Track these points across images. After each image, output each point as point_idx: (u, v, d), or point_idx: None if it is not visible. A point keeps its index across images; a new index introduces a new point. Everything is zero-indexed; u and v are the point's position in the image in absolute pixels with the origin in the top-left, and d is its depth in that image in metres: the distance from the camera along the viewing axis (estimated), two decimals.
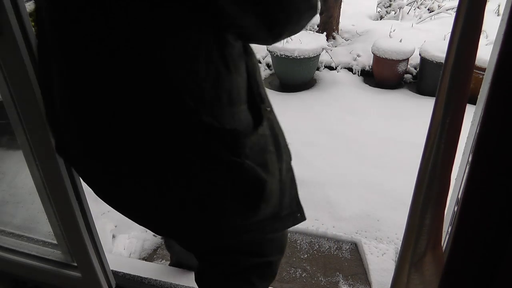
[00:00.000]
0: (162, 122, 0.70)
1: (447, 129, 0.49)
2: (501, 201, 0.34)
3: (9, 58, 0.95)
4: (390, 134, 2.62)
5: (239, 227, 0.82)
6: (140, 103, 0.69)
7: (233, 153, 0.73)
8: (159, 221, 0.85)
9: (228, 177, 0.75)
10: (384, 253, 1.74)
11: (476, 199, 0.35)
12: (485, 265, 0.37)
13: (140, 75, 0.67)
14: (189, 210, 0.79)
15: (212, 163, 0.73)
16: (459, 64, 0.45)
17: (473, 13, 0.43)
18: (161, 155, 0.73)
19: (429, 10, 4.83)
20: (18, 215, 1.86)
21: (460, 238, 0.38)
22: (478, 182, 0.35)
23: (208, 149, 0.71)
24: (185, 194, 0.76)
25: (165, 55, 0.65)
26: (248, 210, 0.80)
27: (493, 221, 0.35)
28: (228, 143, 0.72)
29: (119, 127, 0.73)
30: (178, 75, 0.66)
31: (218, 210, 0.79)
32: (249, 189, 0.77)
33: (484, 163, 0.34)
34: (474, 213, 0.36)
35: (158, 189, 0.77)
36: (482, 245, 0.36)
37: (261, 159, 0.78)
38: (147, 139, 0.72)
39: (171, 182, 0.75)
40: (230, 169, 0.74)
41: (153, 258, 1.76)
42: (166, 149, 0.72)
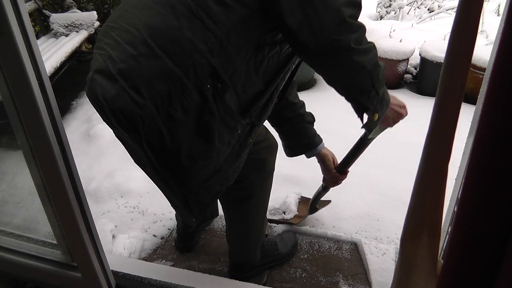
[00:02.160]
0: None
1: (441, 128, 0.49)
2: (500, 201, 0.34)
3: (9, 58, 0.95)
4: (390, 134, 2.61)
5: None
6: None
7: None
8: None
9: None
10: (384, 253, 1.74)
11: (474, 199, 0.35)
12: (484, 265, 0.37)
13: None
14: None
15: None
16: (454, 63, 0.45)
17: (470, 10, 0.43)
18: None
19: (429, 10, 4.83)
20: (18, 215, 1.86)
21: (458, 238, 0.38)
22: (476, 182, 0.35)
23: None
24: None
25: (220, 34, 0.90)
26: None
27: (492, 221, 0.35)
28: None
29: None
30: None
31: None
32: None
33: (482, 163, 0.34)
34: (472, 213, 0.36)
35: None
36: (481, 245, 0.36)
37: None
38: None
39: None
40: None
41: (153, 258, 1.76)
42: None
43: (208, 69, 0.91)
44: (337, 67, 0.95)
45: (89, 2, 3.76)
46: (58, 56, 2.73)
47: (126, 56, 0.91)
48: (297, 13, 0.86)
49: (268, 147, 1.34)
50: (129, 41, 0.91)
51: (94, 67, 0.96)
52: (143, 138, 0.94)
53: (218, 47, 0.91)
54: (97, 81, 0.93)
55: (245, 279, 1.58)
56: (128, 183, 2.16)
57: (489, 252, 0.37)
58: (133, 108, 0.90)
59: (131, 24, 0.93)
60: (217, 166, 1.03)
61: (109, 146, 2.48)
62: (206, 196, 1.07)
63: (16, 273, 1.51)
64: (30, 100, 1.01)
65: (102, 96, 0.92)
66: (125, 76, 0.90)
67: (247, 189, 1.33)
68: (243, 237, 1.51)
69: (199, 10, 0.89)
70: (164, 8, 0.91)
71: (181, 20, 0.89)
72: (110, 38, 0.96)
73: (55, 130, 1.08)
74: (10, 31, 0.90)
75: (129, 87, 0.90)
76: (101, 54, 0.96)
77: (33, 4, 3.20)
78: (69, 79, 3.11)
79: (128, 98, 0.90)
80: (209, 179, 1.04)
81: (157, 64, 0.89)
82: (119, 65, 0.91)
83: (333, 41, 0.88)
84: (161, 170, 1.01)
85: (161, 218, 1.96)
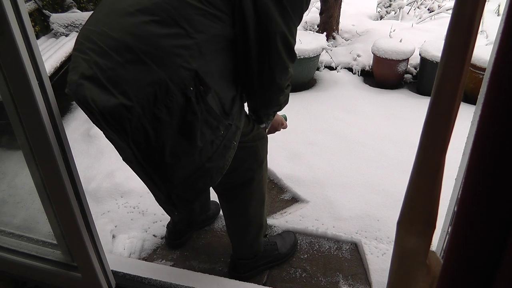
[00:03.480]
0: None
1: (437, 119, 0.49)
2: (499, 201, 0.34)
3: (9, 58, 0.95)
4: (390, 134, 2.62)
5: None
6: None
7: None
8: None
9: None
10: (384, 253, 1.74)
11: (474, 199, 0.35)
12: (484, 265, 0.37)
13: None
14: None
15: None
16: (450, 62, 0.45)
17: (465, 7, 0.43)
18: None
19: (429, 10, 4.83)
20: (18, 215, 1.86)
21: (457, 238, 0.38)
22: (476, 182, 0.35)
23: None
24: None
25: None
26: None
27: (491, 221, 0.35)
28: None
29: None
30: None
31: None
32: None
33: (482, 163, 0.34)
34: (472, 213, 0.36)
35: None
36: (481, 245, 0.36)
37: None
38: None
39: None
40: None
41: (153, 258, 1.77)
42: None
43: (190, 72, 0.97)
44: (270, 100, 1.24)
45: (89, 2, 3.76)
46: (58, 56, 2.73)
47: (113, 63, 0.95)
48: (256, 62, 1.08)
49: (258, 137, 1.40)
50: (114, 47, 0.95)
51: (80, 71, 0.98)
52: (130, 137, 0.99)
53: (197, 53, 0.98)
54: (86, 87, 0.96)
55: (245, 279, 1.58)
56: (128, 183, 2.16)
57: (489, 252, 0.37)
58: (122, 111, 0.94)
59: (115, 31, 0.97)
60: (199, 164, 1.09)
61: (109, 146, 2.47)
62: (190, 193, 1.13)
63: (16, 273, 1.51)
64: (30, 100, 1.01)
65: (92, 100, 0.95)
66: (114, 83, 0.94)
67: (245, 175, 1.38)
68: (244, 227, 1.53)
69: (182, 20, 0.96)
70: (147, 16, 0.96)
71: (164, 29, 0.96)
72: (92, 43, 0.99)
73: (55, 130, 1.08)
74: (10, 31, 0.90)
75: (118, 93, 0.94)
76: (85, 60, 0.98)
77: (33, 4, 3.20)
78: None
79: (117, 102, 0.94)
80: (191, 175, 1.09)
81: (144, 69, 0.94)
82: (108, 73, 0.95)
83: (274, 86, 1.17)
84: (146, 166, 1.06)
85: (161, 218, 1.96)
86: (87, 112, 1.01)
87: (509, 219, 0.35)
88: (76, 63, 1.00)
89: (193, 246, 1.83)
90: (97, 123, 1.03)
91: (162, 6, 0.96)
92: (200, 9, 0.98)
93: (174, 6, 0.96)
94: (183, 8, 0.97)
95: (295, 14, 1.06)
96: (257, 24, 1.02)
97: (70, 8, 3.53)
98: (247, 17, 1.00)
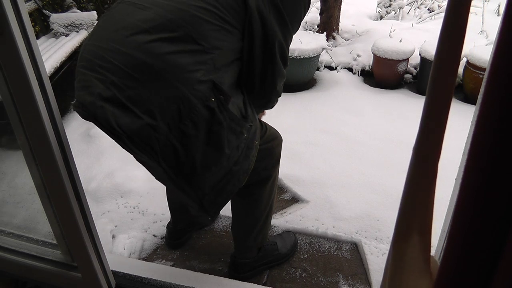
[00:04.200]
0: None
1: (431, 126, 0.49)
2: (498, 201, 0.34)
3: (9, 58, 0.95)
4: (390, 134, 2.62)
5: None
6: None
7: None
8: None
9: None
10: (384, 253, 1.74)
11: (472, 199, 0.35)
12: (482, 265, 0.37)
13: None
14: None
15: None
16: (442, 60, 0.45)
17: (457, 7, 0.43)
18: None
19: (429, 10, 4.83)
20: (18, 215, 1.86)
21: (455, 239, 0.38)
22: (474, 182, 0.35)
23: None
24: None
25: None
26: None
27: (489, 221, 0.35)
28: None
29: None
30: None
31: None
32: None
33: (480, 163, 0.34)
34: (470, 213, 0.36)
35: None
36: (478, 246, 0.36)
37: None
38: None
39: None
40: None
41: (153, 258, 1.77)
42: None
43: (208, 84, 0.99)
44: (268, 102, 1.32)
45: (89, 2, 3.76)
46: (58, 56, 2.73)
47: (132, 82, 0.94)
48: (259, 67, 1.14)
49: (274, 137, 1.44)
50: (131, 66, 0.94)
51: (96, 92, 0.95)
52: (159, 155, 0.99)
53: (213, 67, 1.00)
54: (107, 109, 0.94)
55: (245, 279, 1.58)
56: (128, 183, 2.16)
57: (487, 252, 0.37)
58: (148, 131, 0.95)
59: (129, 48, 0.95)
60: (227, 170, 1.12)
61: (109, 146, 2.48)
62: (221, 197, 1.16)
63: (16, 273, 1.51)
64: (30, 100, 1.01)
65: (117, 124, 0.94)
66: (135, 103, 0.94)
67: (261, 173, 1.40)
68: (252, 224, 1.53)
69: (199, 37, 0.97)
70: (163, 33, 0.96)
71: (182, 45, 0.97)
72: (104, 61, 0.97)
73: (55, 130, 1.08)
74: (10, 31, 0.90)
75: (141, 112, 0.94)
76: (100, 79, 0.96)
77: (33, 4, 3.20)
78: (69, 79, 3.10)
79: (142, 122, 0.94)
80: (220, 181, 1.12)
81: (164, 86, 0.95)
82: (127, 92, 0.94)
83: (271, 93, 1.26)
84: (178, 181, 1.07)
85: (161, 218, 1.96)
86: (113, 137, 0.99)
87: (508, 219, 0.35)
88: (88, 82, 0.98)
89: (193, 246, 1.83)
90: (125, 147, 1.01)
91: (177, 22, 0.96)
92: (215, 25, 1.00)
93: (189, 22, 0.97)
94: (199, 25, 0.98)
95: (293, 26, 1.16)
96: (263, 36, 1.08)
97: (70, 8, 3.52)
98: (254, 30, 1.06)
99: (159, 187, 1.74)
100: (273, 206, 1.57)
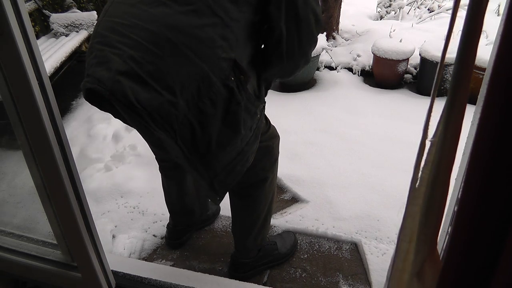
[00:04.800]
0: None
1: (448, 129, 0.49)
2: (499, 201, 0.34)
3: (9, 58, 0.95)
4: (390, 134, 2.62)
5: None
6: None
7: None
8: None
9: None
10: (384, 253, 1.74)
11: (474, 199, 0.35)
12: (483, 265, 0.37)
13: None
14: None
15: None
16: (462, 63, 0.45)
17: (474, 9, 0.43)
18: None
19: (429, 10, 4.82)
20: (18, 215, 1.86)
21: (457, 238, 0.38)
22: (476, 182, 0.35)
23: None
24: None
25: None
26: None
27: (491, 221, 0.35)
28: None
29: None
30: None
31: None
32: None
33: (482, 163, 0.34)
34: (472, 213, 0.36)
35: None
36: (480, 246, 0.36)
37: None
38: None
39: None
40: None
41: (153, 258, 1.77)
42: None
43: (229, 62, 0.97)
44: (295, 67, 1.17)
45: (89, 2, 3.76)
46: (58, 56, 2.73)
47: (152, 56, 0.91)
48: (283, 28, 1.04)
49: (274, 136, 1.43)
50: (151, 40, 0.91)
51: (114, 67, 0.92)
52: (177, 133, 0.98)
53: (235, 42, 0.97)
54: (125, 84, 0.91)
55: (245, 279, 1.58)
56: (128, 183, 2.16)
57: (488, 252, 0.37)
58: (169, 108, 0.93)
59: (148, 22, 0.92)
60: (239, 149, 1.11)
61: (109, 146, 2.48)
62: (230, 177, 1.15)
63: (16, 273, 1.51)
64: (30, 100, 1.01)
65: (136, 100, 0.91)
66: (155, 78, 0.91)
67: (260, 174, 1.40)
68: (252, 225, 1.53)
69: (218, 9, 0.94)
70: (183, 6, 0.93)
71: (202, 18, 0.93)
72: (121, 35, 0.94)
73: (55, 130, 1.08)
74: (10, 31, 0.90)
75: (161, 88, 0.91)
76: (117, 54, 0.93)
77: (33, 4, 3.20)
78: (69, 79, 3.11)
79: (162, 99, 0.92)
80: (232, 161, 1.11)
81: (185, 62, 0.92)
82: (147, 67, 0.91)
83: (304, 53, 1.13)
84: (192, 159, 1.06)
85: (161, 218, 1.96)
86: (131, 113, 0.94)
87: (509, 219, 0.35)
88: (105, 57, 0.94)
89: (193, 246, 1.83)
90: (146, 124, 0.97)
91: None
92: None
93: None
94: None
95: None
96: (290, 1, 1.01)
97: (70, 8, 3.52)
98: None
99: (159, 187, 1.74)
100: (272, 207, 1.56)
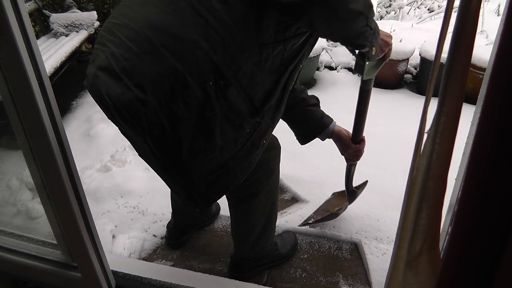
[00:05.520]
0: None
1: (443, 128, 0.49)
2: (498, 201, 0.34)
3: (9, 58, 0.95)
4: (390, 134, 2.62)
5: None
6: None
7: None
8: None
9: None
10: (384, 253, 1.74)
11: (474, 199, 0.35)
12: (484, 265, 0.37)
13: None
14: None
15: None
16: (454, 62, 0.45)
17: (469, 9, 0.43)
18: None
19: (429, 10, 4.82)
20: (18, 215, 1.86)
21: (457, 238, 0.38)
22: (476, 182, 0.35)
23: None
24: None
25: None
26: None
27: (490, 222, 0.35)
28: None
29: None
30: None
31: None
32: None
33: (482, 163, 0.34)
34: (472, 213, 0.36)
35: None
36: (480, 246, 0.36)
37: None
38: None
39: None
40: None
41: (153, 258, 1.77)
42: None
43: (210, 65, 0.91)
44: (337, 19, 0.93)
45: (89, 2, 3.76)
46: (58, 56, 2.73)
47: (130, 54, 0.92)
48: None
49: (272, 147, 1.37)
50: (132, 39, 0.93)
51: (97, 63, 0.97)
52: (146, 132, 0.97)
53: (220, 44, 0.91)
54: (101, 79, 0.95)
55: (245, 279, 1.58)
56: (128, 183, 2.16)
57: (489, 252, 0.37)
58: (137, 105, 0.92)
59: (134, 22, 0.95)
60: (222, 162, 1.03)
61: (109, 146, 2.48)
62: (212, 191, 1.09)
63: (16, 273, 1.51)
64: (30, 100, 1.01)
65: (106, 94, 0.94)
66: (129, 74, 0.92)
67: (253, 186, 1.36)
68: (248, 232, 1.52)
69: (202, 9, 0.90)
70: (167, 6, 0.92)
71: (184, 18, 0.91)
72: (113, 35, 0.97)
73: (55, 130, 1.08)
74: (10, 31, 0.90)
75: (133, 85, 0.91)
76: (103, 51, 0.97)
77: (33, 4, 3.20)
78: (69, 79, 3.11)
79: (132, 96, 0.92)
80: (212, 173, 1.05)
81: (160, 62, 0.91)
82: (123, 63, 0.92)
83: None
84: (164, 162, 1.04)
85: (161, 218, 1.96)
86: (102, 106, 1.00)
87: (509, 219, 0.35)
88: (95, 55, 1.00)
89: (193, 246, 1.83)
90: (112, 118, 1.02)
91: None
92: None
93: None
94: None
95: None
96: None
97: (70, 8, 3.52)
98: None
99: (159, 187, 1.74)
100: (273, 218, 1.54)
